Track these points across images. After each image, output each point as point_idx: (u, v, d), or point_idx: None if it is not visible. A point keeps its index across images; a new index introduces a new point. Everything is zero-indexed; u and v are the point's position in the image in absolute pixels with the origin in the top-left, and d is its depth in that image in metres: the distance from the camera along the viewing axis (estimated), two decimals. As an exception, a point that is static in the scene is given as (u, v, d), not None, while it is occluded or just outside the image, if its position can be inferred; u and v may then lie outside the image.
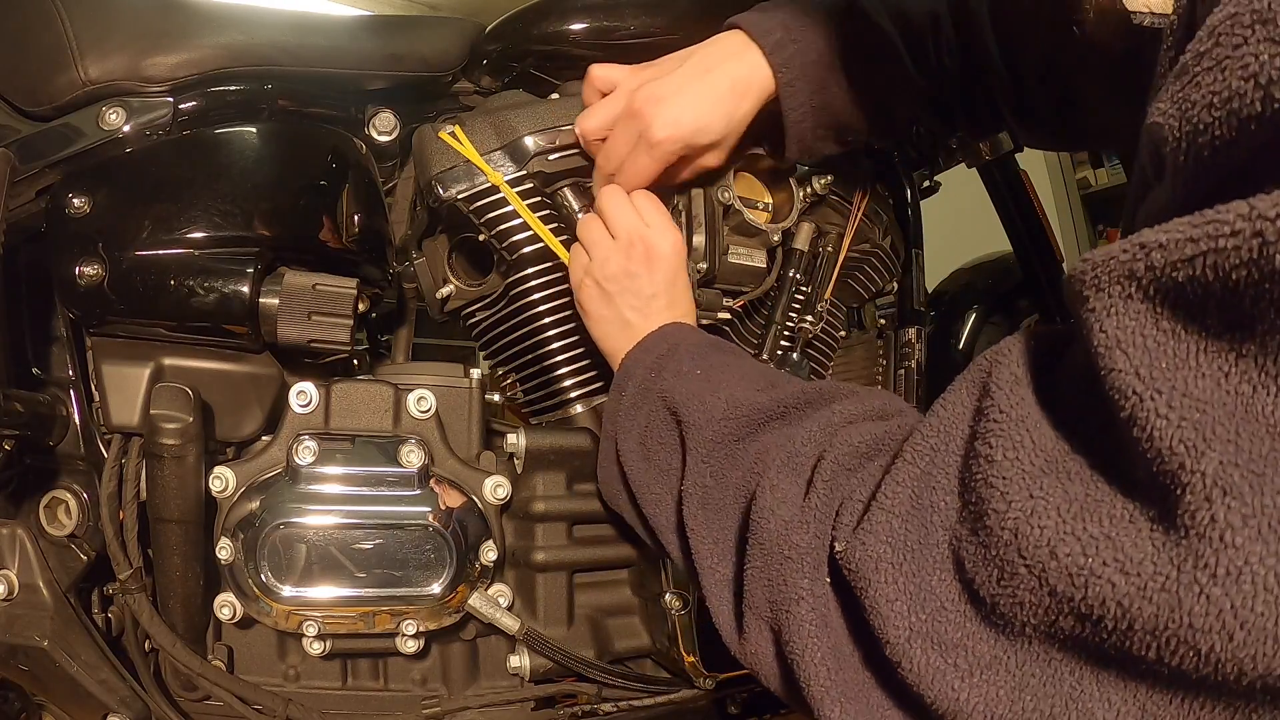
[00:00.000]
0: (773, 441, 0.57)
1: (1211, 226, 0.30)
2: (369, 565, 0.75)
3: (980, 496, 0.39)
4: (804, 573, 0.48)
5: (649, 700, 0.85)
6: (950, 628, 0.40)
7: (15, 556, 0.74)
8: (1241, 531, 0.31)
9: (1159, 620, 0.33)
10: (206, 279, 0.74)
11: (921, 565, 0.41)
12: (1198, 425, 0.31)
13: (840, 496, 0.49)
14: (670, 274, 0.77)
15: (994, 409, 0.40)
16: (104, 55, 0.76)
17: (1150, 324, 0.33)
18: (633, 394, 0.71)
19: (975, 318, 1.30)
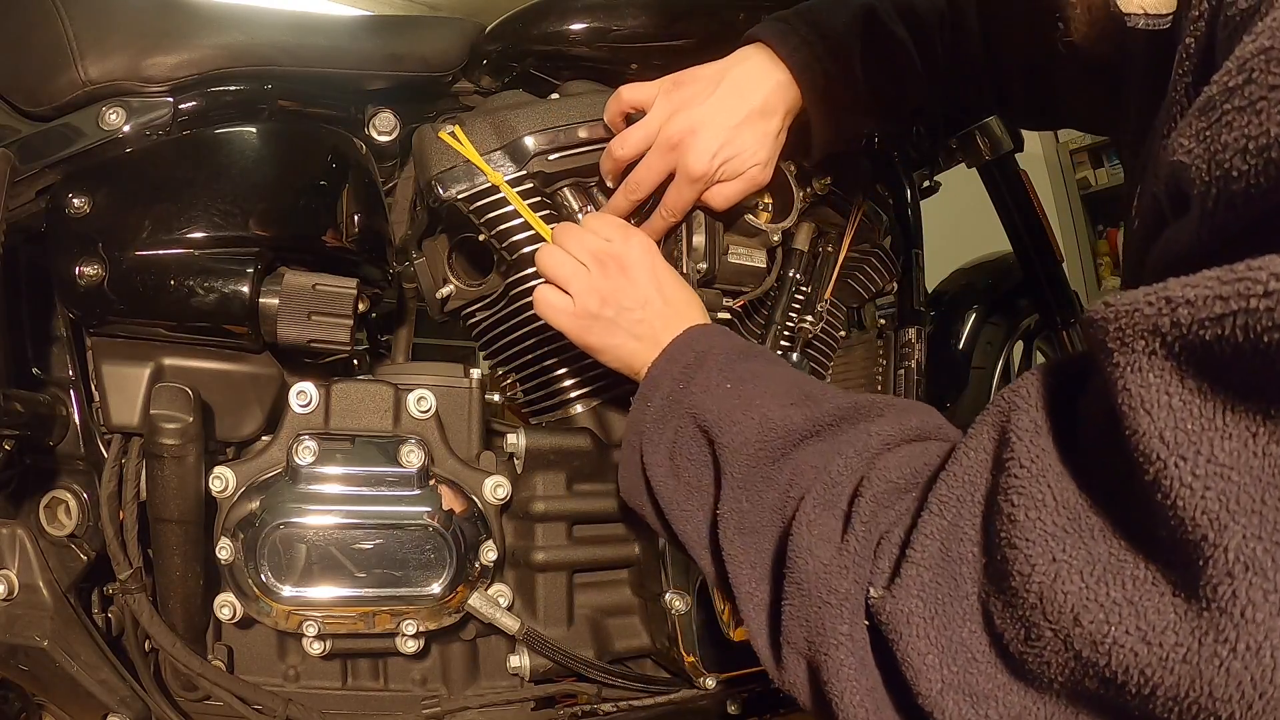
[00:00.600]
0: (808, 463, 0.55)
1: (1244, 285, 0.29)
2: (369, 565, 0.75)
3: (1005, 556, 0.39)
4: (843, 618, 0.47)
5: (649, 700, 0.85)
6: (981, 679, 0.41)
7: (15, 556, 0.74)
8: (1263, 608, 0.31)
9: (1180, 690, 0.33)
10: (206, 279, 0.74)
11: (952, 618, 0.42)
12: (1222, 495, 0.31)
13: (877, 536, 0.48)
14: (651, 273, 0.75)
15: (1014, 463, 0.40)
16: (104, 55, 0.76)
17: (1175, 383, 0.32)
18: (659, 406, 0.68)
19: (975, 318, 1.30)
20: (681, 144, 0.79)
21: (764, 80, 0.81)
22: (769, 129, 0.81)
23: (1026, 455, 0.39)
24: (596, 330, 0.74)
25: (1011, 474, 0.40)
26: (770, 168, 0.82)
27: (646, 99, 0.82)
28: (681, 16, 0.92)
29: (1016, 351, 1.35)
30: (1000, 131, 1.19)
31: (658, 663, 0.88)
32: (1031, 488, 0.39)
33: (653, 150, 0.80)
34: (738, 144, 0.79)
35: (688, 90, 0.80)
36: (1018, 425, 0.41)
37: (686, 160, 0.79)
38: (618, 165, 0.82)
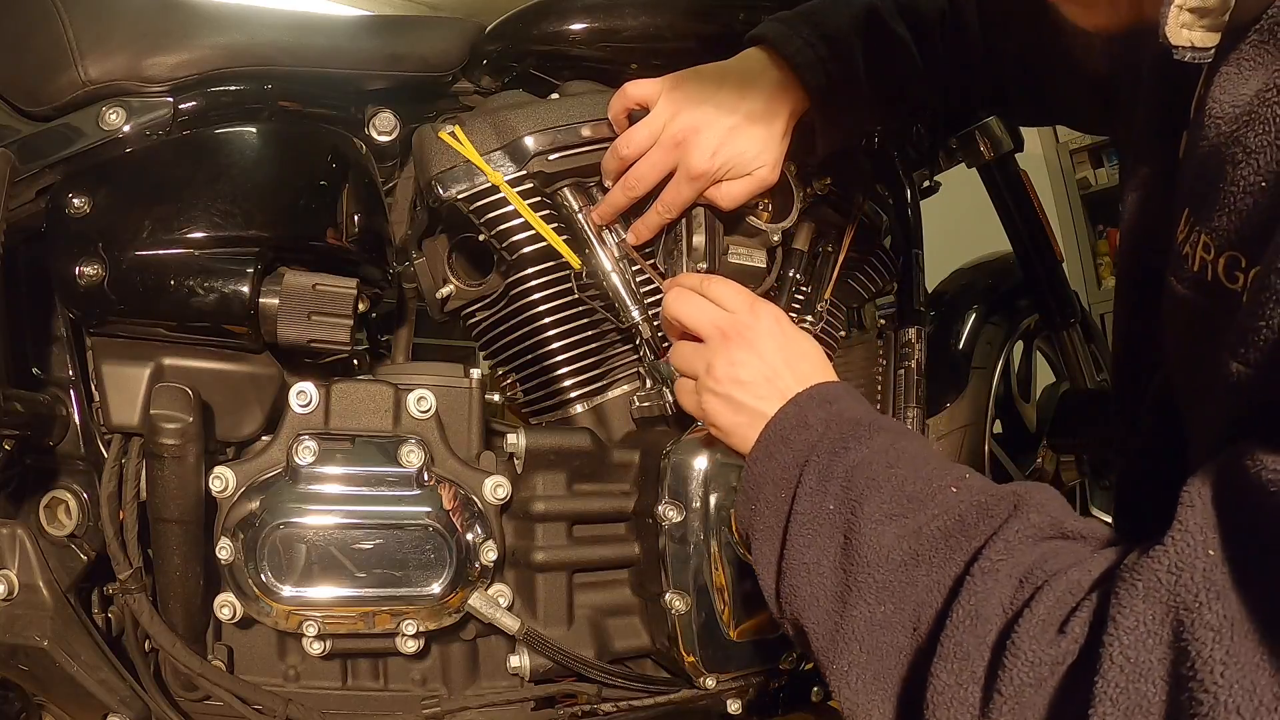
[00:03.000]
0: (925, 601, 0.49)
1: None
2: (369, 565, 0.75)
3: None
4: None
5: (649, 700, 0.85)
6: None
7: (15, 556, 0.74)
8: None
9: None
10: (206, 279, 0.73)
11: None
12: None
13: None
14: (779, 342, 0.68)
15: (1199, 687, 0.35)
16: (104, 55, 0.76)
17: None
18: (813, 484, 0.58)
19: (975, 318, 1.30)
20: (684, 141, 0.79)
21: (767, 81, 0.81)
22: (774, 130, 0.81)
23: (1210, 677, 0.35)
24: (723, 409, 0.68)
25: (1195, 698, 0.35)
26: (778, 168, 0.83)
27: (651, 95, 0.82)
28: (681, 17, 0.92)
29: (1016, 351, 1.35)
30: (1000, 131, 1.19)
31: (658, 663, 0.88)
32: (1219, 715, 0.34)
33: (655, 147, 0.80)
34: (740, 143, 0.79)
35: (691, 88, 0.80)
36: (1194, 632, 0.36)
37: (688, 157, 0.79)
38: (623, 164, 0.83)
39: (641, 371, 0.89)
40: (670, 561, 0.79)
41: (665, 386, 0.85)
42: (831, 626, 0.54)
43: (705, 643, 0.81)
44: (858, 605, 0.52)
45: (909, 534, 0.52)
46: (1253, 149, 0.43)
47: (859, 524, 0.54)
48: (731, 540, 0.79)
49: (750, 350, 0.67)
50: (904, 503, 0.54)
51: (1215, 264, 0.46)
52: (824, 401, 0.63)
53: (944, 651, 0.46)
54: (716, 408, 0.68)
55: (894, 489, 0.55)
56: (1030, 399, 1.38)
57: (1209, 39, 0.48)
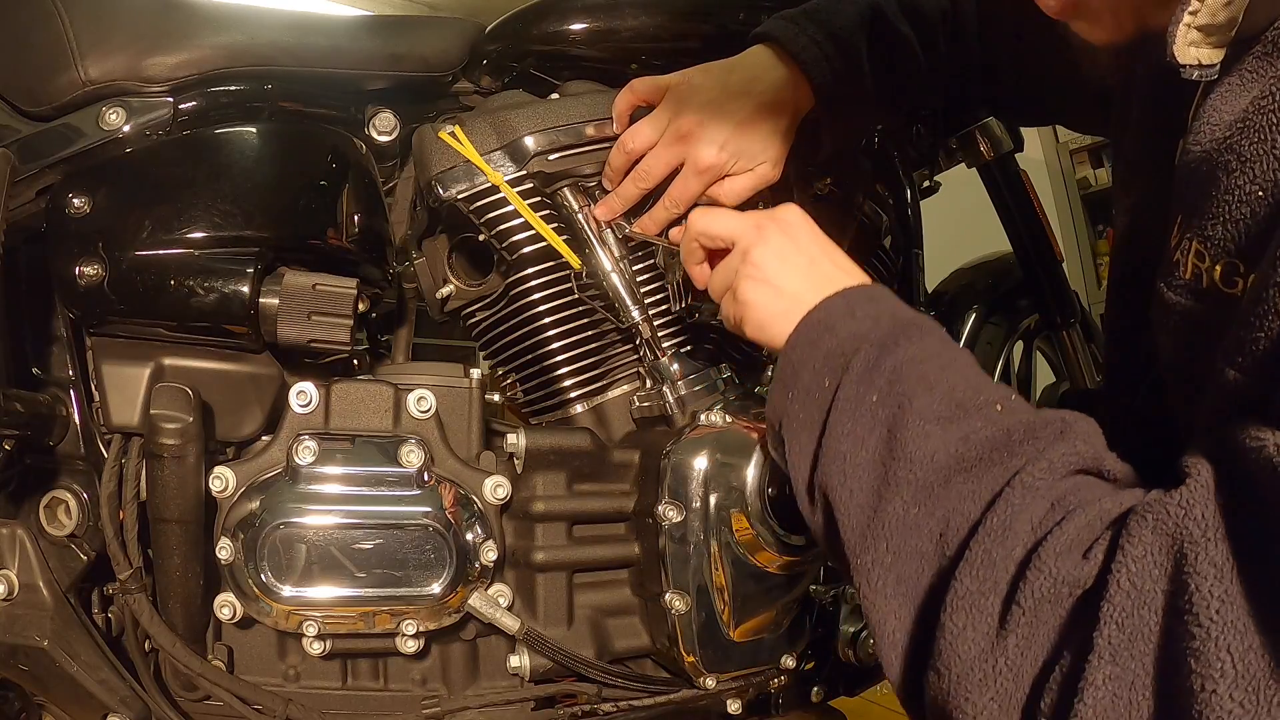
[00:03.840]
0: (960, 510, 0.49)
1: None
2: (369, 565, 0.75)
3: (1179, 716, 0.37)
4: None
5: (649, 700, 0.85)
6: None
7: (15, 556, 0.74)
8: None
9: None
10: (206, 279, 0.73)
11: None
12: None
13: (1038, 657, 0.43)
14: (813, 231, 0.67)
15: (1194, 620, 0.37)
16: (104, 55, 0.76)
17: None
18: (859, 373, 0.56)
19: (975, 318, 1.30)
20: (690, 135, 0.79)
21: (773, 78, 0.81)
22: (779, 126, 0.81)
23: (1205, 612, 0.36)
24: (755, 285, 0.65)
25: (1189, 630, 0.37)
26: (780, 165, 0.83)
27: (657, 92, 0.82)
28: (682, 17, 0.92)
29: (1016, 351, 1.35)
30: (1000, 131, 1.19)
31: (658, 663, 0.88)
32: (1209, 652, 0.36)
33: (662, 141, 0.81)
34: (747, 138, 0.80)
35: (698, 84, 0.81)
36: (1196, 565, 0.38)
37: (696, 151, 0.79)
38: (629, 159, 0.83)
39: (641, 371, 0.89)
40: (670, 561, 0.79)
41: (665, 387, 0.85)
42: (863, 521, 0.53)
43: (705, 643, 0.81)
44: (892, 503, 0.52)
45: (956, 439, 0.51)
46: (1247, 157, 0.43)
47: (905, 421, 0.53)
48: (732, 540, 0.79)
49: (787, 236, 0.66)
50: (952, 407, 0.53)
51: (1211, 271, 0.46)
52: (872, 299, 0.61)
53: (970, 558, 0.47)
54: (757, 296, 0.65)
55: (945, 392, 0.54)
56: (1030, 399, 1.38)
57: (1215, 55, 0.48)
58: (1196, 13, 0.47)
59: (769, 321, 0.64)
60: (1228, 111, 0.46)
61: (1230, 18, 0.46)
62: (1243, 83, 0.46)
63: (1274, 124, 0.43)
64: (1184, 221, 0.50)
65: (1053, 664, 0.43)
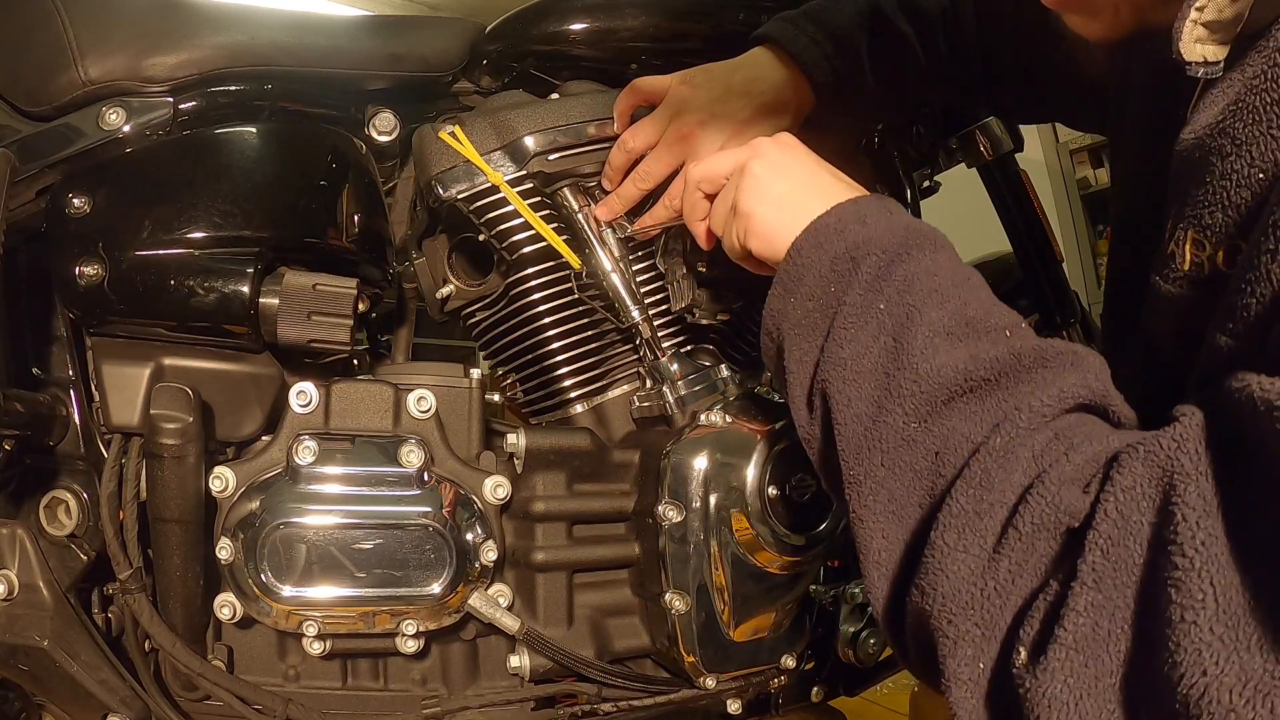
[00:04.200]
0: (962, 433, 0.48)
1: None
2: (369, 565, 0.75)
3: (1154, 652, 0.37)
4: (963, 659, 0.44)
5: (649, 700, 0.85)
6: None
7: (15, 556, 0.74)
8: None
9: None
10: (206, 279, 0.73)
11: (1097, 704, 0.39)
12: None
13: (1027, 583, 0.43)
14: (807, 151, 0.65)
15: (1176, 549, 0.36)
16: (104, 55, 0.76)
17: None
18: (868, 280, 0.54)
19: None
20: (691, 135, 0.79)
21: (774, 78, 0.81)
22: (779, 126, 0.82)
23: (1190, 543, 0.36)
24: (755, 188, 0.63)
25: (1172, 560, 0.36)
26: None
27: (658, 91, 0.82)
28: (681, 17, 0.92)
29: (1016, 351, 1.35)
30: (1000, 131, 1.19)
31: (658, 663, 0.88)
32: (1191, 583, 0.35)
33: (663, 141, 0.81)
34: (747, 137, 0.80)
35: (700, 84, 0.81)
36: (1184, 497, 0.37)
37: (697, 150, 0.79)
38: (629, 157, 0.83)
39: (641, 371, 0.89)
40: (670, 561, 0.80)
41: (665, 387, 0.85)
42: (859, 431, 0.51)
43: (705, 643, 0.81)
44: (892, 414, 0.50)
45: (964, 356, 0.50)
46: (1242, 139, 0.43)
47: (912, 331, 0.51)
48: (732, 540, 0.79)
49: (785, 151, 0.64)
50: (963, 325, 0.51)
51: (1214, 258, 0.46)
52: (885, 208, 0.58)
53: (969, 476, 0.45)
54: (758, 205, 0.62)
55: (956, 308, 0.52)
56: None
57: (1220, 52, 0.48)
58: (1203, 9, 0.46)
59: (772, 229, 0.61)
60: (1222, 99, 0.46)
61: (1237, 14, 0.46)
62: (1242, 77, 0.46)
63: (1269, 103, 0.42)
64: (1178, 213, 0.49)
65: (1038, 593, 0.42)
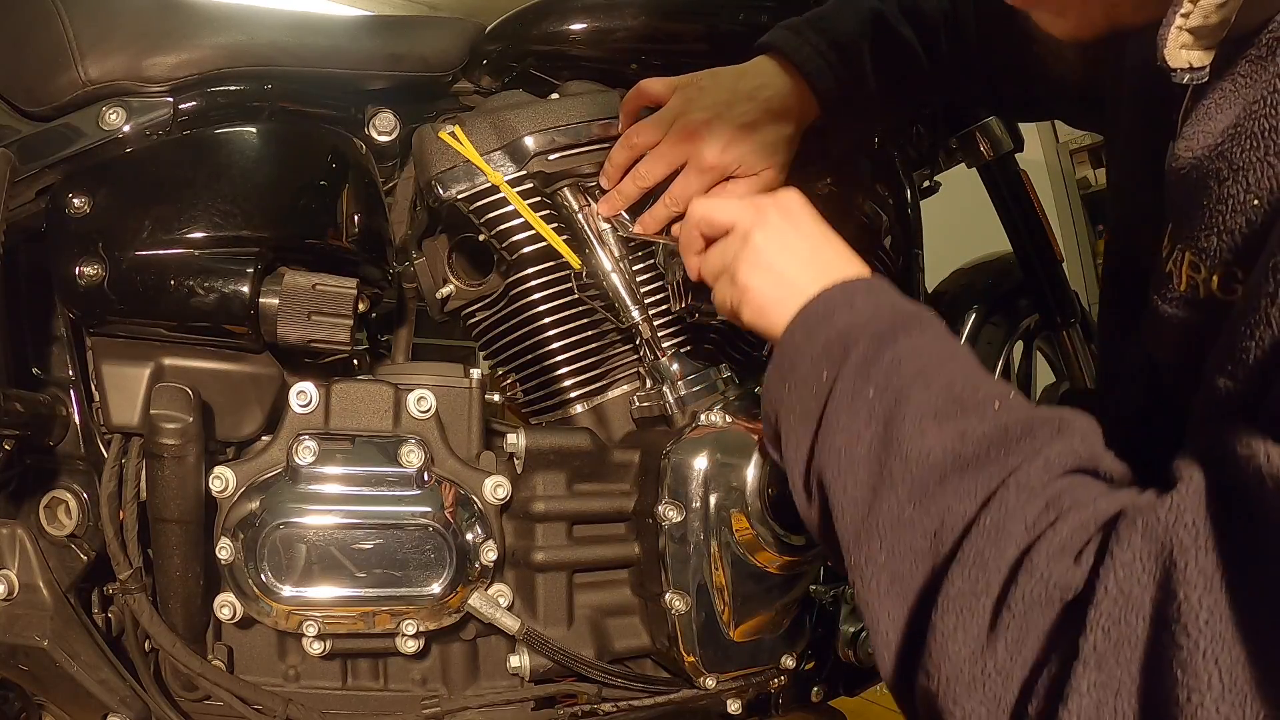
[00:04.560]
0: (956, 509, 0.48)
1: None
2: (369, 565, 0.75)
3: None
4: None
5: (649, 700, 0.85)
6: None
7: (15, 556, 0.74)
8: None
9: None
10: (206, 279, 0.73)
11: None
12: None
13: (1027, 660, 0.43)
14: (813, 216, 0.66)
15: (1180, 629, 0.36)
16: (104, 55, 0.76)
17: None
18: (856, 366, 0.55)
19: (975, 318, 1.29)
20: (696, 134, 0.79)
21: (779, 85, 0.82)
22: (783, 132, 0.82)
23: (1193, 622, 0.36)
24: (753, 268, 0.64)
25: (1176, 640, 0.36)
26: (784, 172, 0.83)
27: (664, 93, 0.82)
28: (681, 17, 0.92)
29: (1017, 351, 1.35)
30: (1000, 131, 1.19)
31: (658, 663, 0.88)
32: (1196, 663, 0.35)
33: (667, 139, 0.81)
34: (752, 142, 0.80)
35: (706, 86, 0.81)
36: (1184, 573, 0.37)
37: (700, 150, 0.80)
38: (633, 153, 0.83)
39: (641, 371, 0.89)
40: (670, 561, 0.79)
41: (665, 387, 0.85)
42: (858, 517, 0.52)
43: (705, 643, 0.81)
44: (887, 499, 0.51)
45: (952, 436, 0.50)
46: (1240, 165, 0.43)
47: (902, 415, 0.52)
48: (732, 540, 0.79)
49: (788, 220, 0.65)
50: (950, 404, 0.52)
51: (1209, 281, 0.46)
52: (872, 290, 0.60)
53: (963, 558, 0.46)
54: (756, 281, 0.63)
55: (943, 388, 0.53)
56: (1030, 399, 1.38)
57: (1206, 57, 0.47)
58: (1189, 15, 0.45)
59: (767, 308, 0.63)
60: (1221, 118, 0.46)
61: (1223, 19, 0.45)
62: (1235, 88, 0.45)
63: (1267, 130, 0.42)
64: (1175, 232, 0.49)
65: (1041, 668, 0.42)
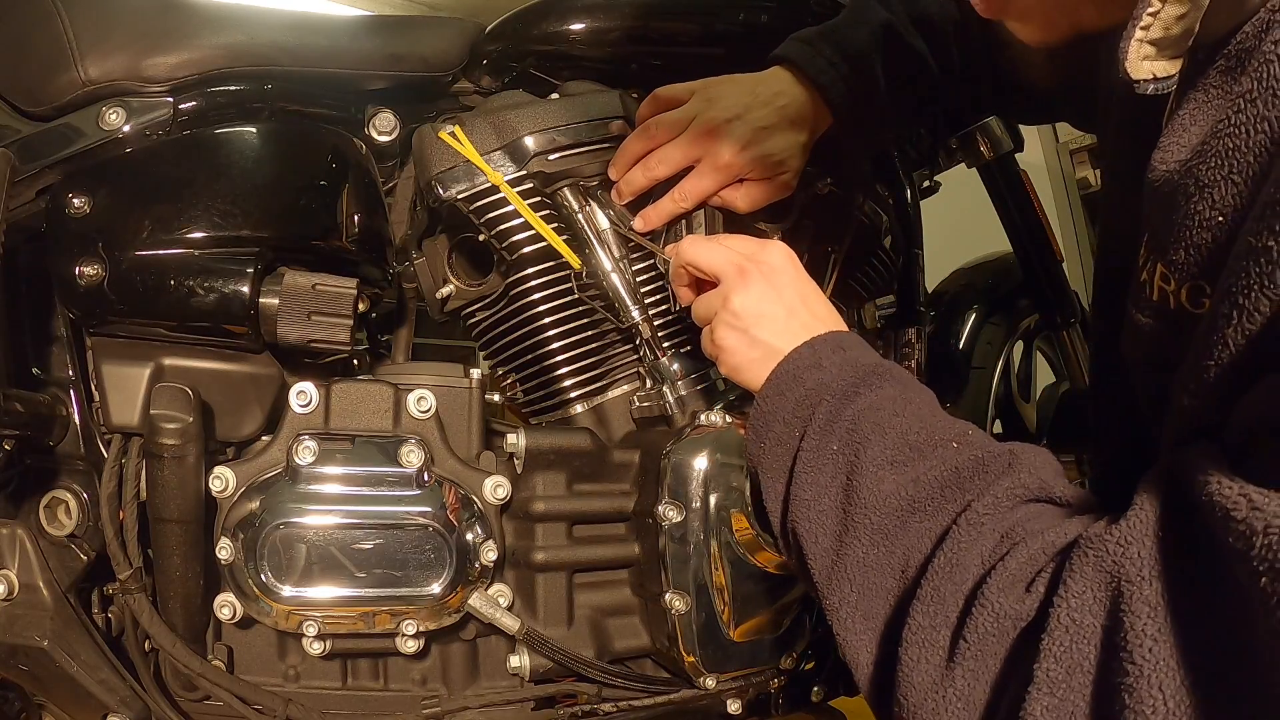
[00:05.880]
0: (917, 548, 0.51)
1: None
2: (369, 565, 0.75)
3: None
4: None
5: (649, 700, 0.85)
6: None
7: (15, 556, 0.74)
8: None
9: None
10: (206, 279, 0.74)
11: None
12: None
13: (985, 688, 0.44)
14: (794, 278, 0.68)
15: (1126, 656, 0.37)
16: (104, 55, 0.76)
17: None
18: (821, 424, 0.59)
19: (975, 318, 1.30)
20: (715, 132, 0.80)
21: (794, 95, 0.83)
22: (799, 139, 0.83)
23: (1139, 649, 0.37)
24: (734, 339, 0.67)
25: (1124, 667, 0.37)
26: (797, 178, 0.85)
27: (682, 95, 0.83)
28: (681, 16, 0.92)
29: (1016, 351, 1.35)
30: (1000, 131, 1.20)
31: (658, 663, 0.88)
32: (1141, 689, 0.36)
33: (686, 134, 0.82)
34: (768, 145, 0.81)
35: (725, 89, 0.82)
36: (1130, 603, 0.38)
37: (717, 148, 0.80)
38: (649, 145, 0.83)
39: (641, 371, 0.89)
40: (670, 561, 0.79)
41: (665, 387, 0.85)
42: (829, 564, 0.55)
43: (705, 643, 0.81)
44: (853, 545, 0.54)
45: (907, 482, 0.53)
46: (1205, 183, 0.43)
47: (860, 467, 0.55)
48: (732, 540, 0.79)
49: (768, 285, 0.67)
50: (906, 451, 0.55)
51: (1178, 294, 0.46)
52: (838, 347, 0.63)
53: (922, 594, 0.48)
54: (733, 343, 0.67)
55: (897, 437, 0.56)
56: (1030, 399, 1.38)
57: (1171, 67, 0.47)
58: (1149, 28, 0.45)
59: (743, 368, 0.67)
60: (1193, 131, 0.46)
61: (1186, 29, 0.45)
62: (1207, 99, 0.45)
63: (1230, 149, 0.42)
64: (1150, 242, 0.49)
65: (1000, 694, 0.44)
